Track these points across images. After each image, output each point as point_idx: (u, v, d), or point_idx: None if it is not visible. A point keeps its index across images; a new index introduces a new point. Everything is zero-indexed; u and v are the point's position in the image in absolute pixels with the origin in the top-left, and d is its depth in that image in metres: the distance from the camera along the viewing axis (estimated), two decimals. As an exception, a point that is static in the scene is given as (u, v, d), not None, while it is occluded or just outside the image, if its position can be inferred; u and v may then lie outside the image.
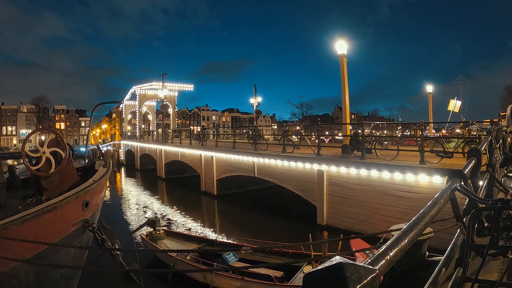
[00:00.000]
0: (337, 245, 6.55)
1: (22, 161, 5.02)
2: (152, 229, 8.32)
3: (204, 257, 7.14)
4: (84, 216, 4.66)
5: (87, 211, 4.69)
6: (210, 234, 10.50)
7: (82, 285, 5.40)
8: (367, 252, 6.07)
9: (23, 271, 3.87)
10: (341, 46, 10.87)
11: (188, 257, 7.14)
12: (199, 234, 10.19)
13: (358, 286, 0.46)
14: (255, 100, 26.57)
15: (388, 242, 0.66)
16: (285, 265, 6.67)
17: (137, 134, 34.89)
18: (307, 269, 6.26)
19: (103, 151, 7.79)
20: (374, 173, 8.93)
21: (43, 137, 5.31)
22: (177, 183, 21.54)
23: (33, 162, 4.92)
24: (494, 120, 9.13)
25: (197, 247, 7.96)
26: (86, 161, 6.68)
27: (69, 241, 4.50)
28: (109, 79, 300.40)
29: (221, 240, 8.19)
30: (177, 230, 10.51)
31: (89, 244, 5.15)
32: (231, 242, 8.05)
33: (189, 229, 11.32)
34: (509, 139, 5.47)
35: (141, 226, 7.58)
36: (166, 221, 12.23)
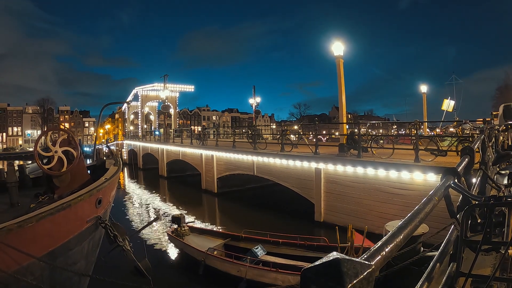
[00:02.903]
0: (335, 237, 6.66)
1: (28, 161, 5.14)
2: (177, 225, 8.55)
3: (230, 251, 7.34)
4: (97, 213, 4.80)
5: (99, 208, 4.84)
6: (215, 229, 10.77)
7: (94, 280, 5.52)
8: None
9: (39, 268, 3.98)
10: (338, 47, 11.09)
11: (215, 252, 7.30)
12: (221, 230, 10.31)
13: (355, 281, 0.46)
14: (254, 101, 26.94)
15: (384, 238, 0.67)
16: (312, 257, 6.92)
17: (140, 134, 35.26)
18: None
19: (110, 150, 7.96)
20: (370, 171, 9.14)
21: (43, 138, 5.42)
22: (178, 181, 21.85)
23: (44, 161, 5.03)
24: (487, 119, 9.35)
25: (223, 242, 8.12)
26: (95, 160, 6.88)
27: (83, 238, 4.64)
28: (63, 58, 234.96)
29: (246, 235, 8.22)
30: (201, 226, 10.67)
31: (101, 240, 5.35)
32: (257, 236, 8.09)
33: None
34: (501, 138, 5.67)
35: (149, 223, 7.78)
36: (168, 219, 12.51)
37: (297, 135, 16.69)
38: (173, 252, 8.75)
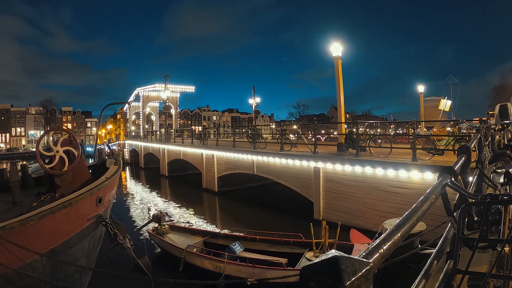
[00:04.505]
0: (335, 235, 6.90)
1: (31, 161, 5.18)
2: (158, 224, 8.71)
3: (209, 248, 7.56)
4: (98, 211, 4.87)
5: (100, 207, 4.91)
6: (213, 228, 10.91)
7: (95, 278, 5.66)
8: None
9: (41, 265, 4.05)
10: (336, 48, 11.17)
11: (195, 249, 7.50)
12: (202, 228, 10.61)
13: (353, 279, 0.47)
14: (254, 101, 27.13)
15: (382, 236, 0.67)
16: (288, 252, 7.24)
17: (141, 134, 35.45)
18: (309, 255, 6.78)
19: (111, 150, 8.03)
20: (368, 170, 9.22)
21: (45, 137, 5.46)
22: (179, 180, 22.00)
23: (46, 160, 5.05)
24: (483, 118, 9.39)
25: (202, 240, 8.35)
26: (96, 160, 6.97)
27: (84, 236, 4.72)
28: (25, 40, 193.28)
29: (224, 232, 8.50)
30: (181, 224, 10.88)
31: (102, 238, 5.42)
32: (235, 234, 8.35)
33: (192, 224, 11.73)
34: (497, 137, 5.73)
35: (149, 221, 7.94)
36: (170, 217, 12.65)
37: (296, 135, 16.81)
38: (154, 250, 8.85)
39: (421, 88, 21.23)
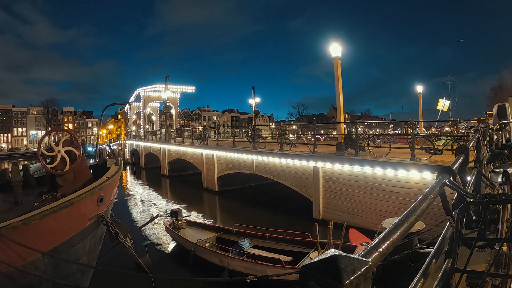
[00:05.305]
0: (340, 234, 6.97)
1: (32, 161, 5.18)
2: (175, 219, 9.16)
3: (221, 243, 7.84)
4: (99, 211, 4.91)
5: (101, 206, 4.95)
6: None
7: (96, 277, 5.72)
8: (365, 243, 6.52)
9: (42, 264, 4.09)
10: (335, 49, 11.20)
11: (207, 244, 7.81)
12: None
13: (352, 278, 0.47)
14: (254, 101, 27.23)
15: (381, 235, 0.68)
16: (294, 251, 7.38)
17: (142, 134, 35.55)
18: (314, 255, 6.88)
19: (112, 150, 8.11)
20: (367, 170, 9.27)
21: (46, 138, 5.47)
22: (180, 180, 22.09)
23: (48, 160, 5.09)
24: (482, 118, 9.43)
25: (215, 235, 8.69)
26: (97, 160, 7.02)
27: (85, 235, 4.76)
28: (6, 32, 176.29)
29: (237, 229, 8.80)
30: (197, 220, 11.16)
31: (103, 237, 5.46)
32: (247, 231, 8.61)
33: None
34: (495, 137, 5.79)
35: (150, 221, 8.00)
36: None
37: (295, 135, 16.88)
38: (168, 244, 9.33)
39: (419, 88, 21.22)
